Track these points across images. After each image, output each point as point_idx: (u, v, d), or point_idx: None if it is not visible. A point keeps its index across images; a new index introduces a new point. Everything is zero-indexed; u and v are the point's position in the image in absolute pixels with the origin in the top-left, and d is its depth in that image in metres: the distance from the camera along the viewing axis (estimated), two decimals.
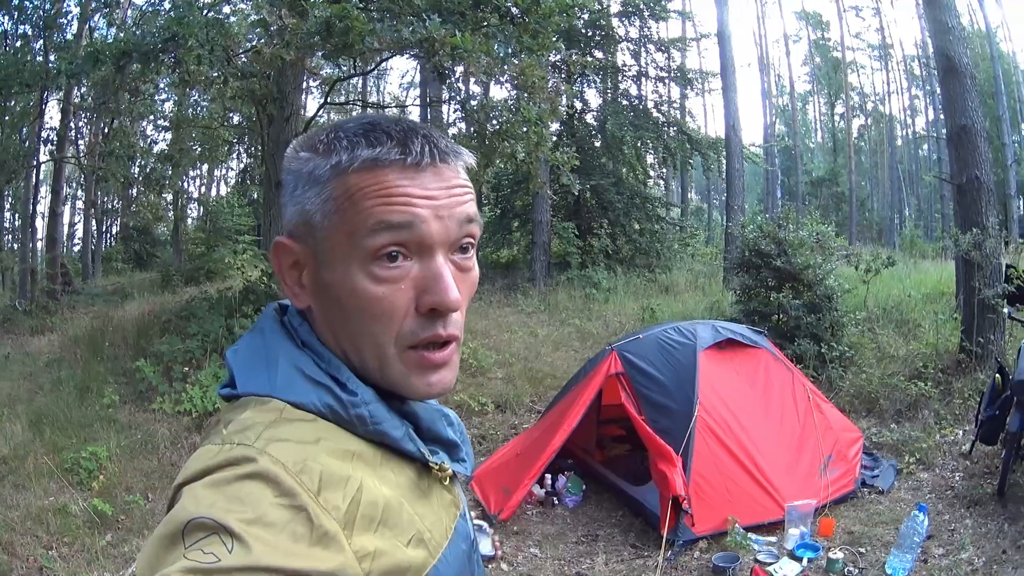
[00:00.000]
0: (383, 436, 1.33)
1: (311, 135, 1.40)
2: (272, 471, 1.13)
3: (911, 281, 17.63)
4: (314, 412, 1.28)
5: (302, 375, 1.31)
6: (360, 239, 1.30)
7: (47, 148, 22.22)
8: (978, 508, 8.01)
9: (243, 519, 1.05)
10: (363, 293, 1.31)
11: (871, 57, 57.50)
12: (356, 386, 1.32)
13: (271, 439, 1.19)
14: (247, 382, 1.32)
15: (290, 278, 1.39)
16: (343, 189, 1.31)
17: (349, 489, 1.20)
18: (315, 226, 1.33)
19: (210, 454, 1.18)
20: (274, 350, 1.35)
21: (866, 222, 51.34)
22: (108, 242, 42.31)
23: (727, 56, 26.45)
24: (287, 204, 1.39)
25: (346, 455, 1.26)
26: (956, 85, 12.16)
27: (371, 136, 1.32)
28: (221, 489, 1.10)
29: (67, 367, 13.82)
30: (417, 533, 1.31)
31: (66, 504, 8.41)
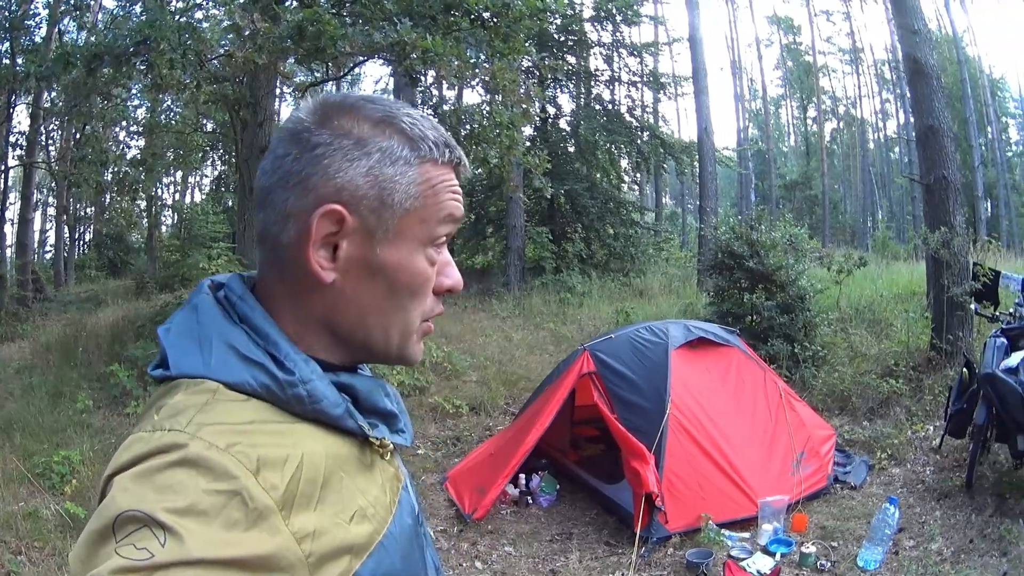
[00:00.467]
0: (321, 415, 1.32)
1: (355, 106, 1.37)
2: (204, 456, 1.11)
3: (883, 281, 17.73)
4: (248, 392, 1.26)
5: (235, 353, 1.28)
6: (432, 226, 1.39)
7: (15, 153, 22.07)
8: (947, 500, 8.13)
9: (174, 509, 1.04)
10: (423, 274, 1.40)
11: (842, 61, 57.93)
12: (294, 364, 1.30)
13: (203, 423, 1.17)
14: (180, 362, 1.28)
15: (318, 251, 1.33)
16: (426, 178, 1.37)
17: (288, 468, 1.19)
18: (391, 205, 1.34)
19: (141, 442, 1.15)
20: (207, 328, 1.32)
21: (839, 224, 51.60)
22: (81, 249, 42.09)
23: (699, 60, 26.54)
24: (336, 169, 1.32)
25: (282, 433, 1.25)
26: (923, 86, 12.29)
27: (443, 135, 1.41)
28: (151, 478, 1.09)
29: (39, 373, 13.74)
30: (360, 508, 1.32)
31: (37, 508, 8.29)
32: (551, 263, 25.87)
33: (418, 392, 13.19)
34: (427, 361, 14.23)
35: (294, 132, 1.36)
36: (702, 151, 25.79)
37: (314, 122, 1.35)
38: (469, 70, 12.50)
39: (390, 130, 1.35)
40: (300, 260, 1.33)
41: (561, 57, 28.35)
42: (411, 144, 1.35)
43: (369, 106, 1.37)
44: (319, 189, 1.32)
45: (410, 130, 1.36)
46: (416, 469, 10.27)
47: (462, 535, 8.29)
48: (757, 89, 60.87)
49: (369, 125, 1.35)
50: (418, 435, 11.53)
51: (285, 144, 1.36)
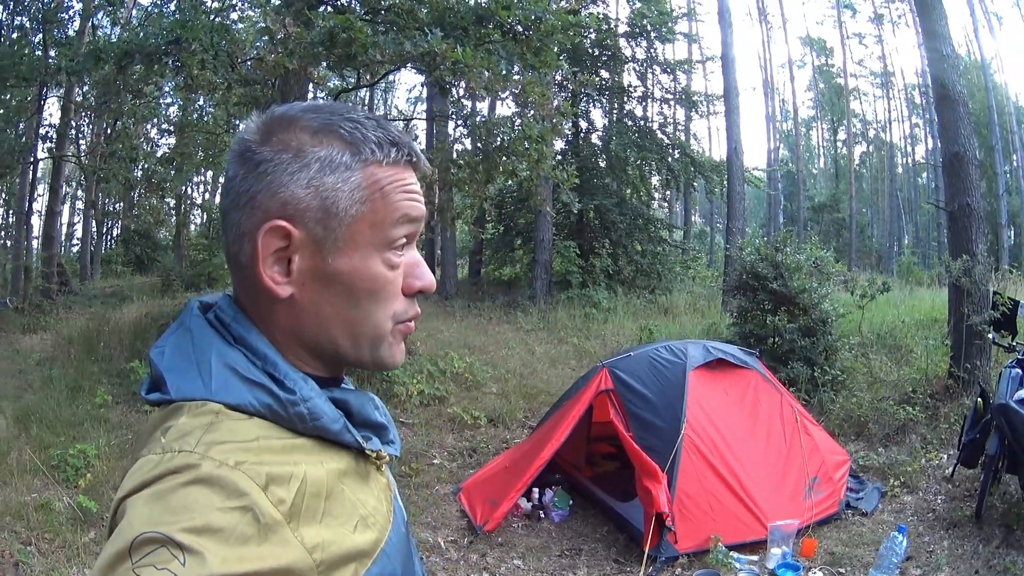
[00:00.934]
0: (321, 431, 1.35)
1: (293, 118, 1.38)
2: (216, 474, 1.14)
3: (905, 307, 17.64)
4: (250, 412, 1.29)
5: (236, 375, 1.31)
6: (385, 229, 1.38)
7: (45, 145, 22.12)
8: (956, 530, 8.09)
9: (191, 528, 1.06)
10: (380, 278, 1.39)
11: (873, 85, 57.66)
12: (294, 383, 1.33)
13: (211, 443, 1.19)
14: (181, 387, 1.29)
15: (270, 266, 1.35)
16: (372, 180, 1.37)
17: (293, 483, 1.22)
18: (336, 214, 1.35)
19: (151, 464, 1.17)
20: (204, 350, 1.34)
21: (866, 248, 51.31)
22: (108, 244, 42.22)
23: (731, 80, 26.35)
24: (279, 185, 1.34)
25: (286, 449, 1.28)
26: (950, 113, 12.24)
27: (390, 135, 1.40)
28: (166, 499, 1.11)
29: (59, 366, 13.80)
30: (361, 518, 1.36)
31: (49, 500, 8.34)
32: (578, 277, 25.80)
33: (437, 402, 13.21)
34: (448, 371, 14.32)
35: (240, 152, 1.38)
36: (731, 171, 25.62)
37: (257, 140, 1.37)
38: (500, 83, 12.50)
39: (328, 138, 1.36)
40: (256, 278, 1.35)
41: (595, 72, 28.39)
42: (351, 149, 1.36)
43: (309, 116, 1.39)
44: (265, 206, 1.34)
45: (350, 135, 1.37)
46: (430, 479, 10.29)
47: (472, 547, 8.26)
48: (788, 110, 60.64)
49: (308, 135, 1.36)
50: (435, 445, 11.55)
51: (234, 165, 1.39)
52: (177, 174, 21.22)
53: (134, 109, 18.94)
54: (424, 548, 8.15)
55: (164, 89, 19.94)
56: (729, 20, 27.42)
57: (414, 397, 13.05)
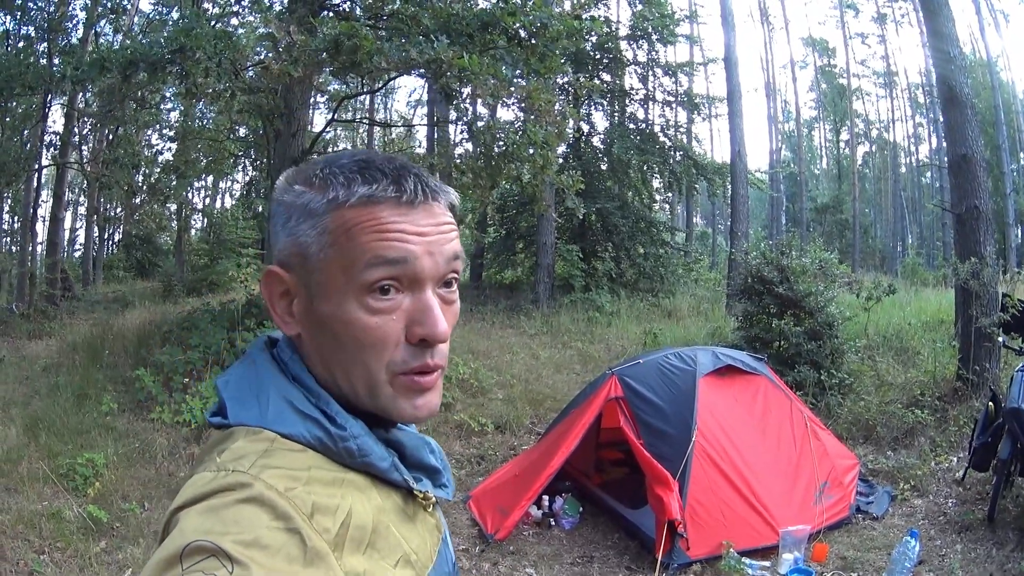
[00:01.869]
0: (370, 467, 1.37)
1: (303, 169, 1.44)
2: (267, 496, 1.17)
3: (911, 309, 17.68)
4: (303, 443, 1.31)
5: (292, 408, 1.34)
6: (357, 273, 1.34)
7: (49, 152, 22.17)
8: (969, 533, 8.10)
9: (240, 541, 1.08)
10: (358, 323, 1.35)
11: (876, 84, 57.71)
12: (345, 420, 1.36)
13: (265, 466, 1.22)
14: (239, 413, 1.35)
15: (279, 306, 1.42)
16: (339, 223, 1.35)
17: (339, 514, 1.25)
18: (310, 258, 1.37)
19: (204, 480, 1.21)
20: (265, 383, 1.38)
21: (869, 249, 51.40)
22: (110, 249, 42.34)
23: (734, 82, 26.28)
24: (278, 234, 1.42)
25: (335, 482, 1.30)
26: (957, 114, 12.25)
27: (366, 173, 1.37)
28: (218, 513, 1.13)
29: (65, 373, 13.81)
30: (404, 555, 1.36)
31: (60, 509, 8.35)
32: (580, 281, 25.83)
33: (444, 409, 13.09)
34: (454, 377, 14.30)
35: (270, 209, 1.50)
36: (734, 173, 25.56)
37: (275, 197, 1.47)
38: (505, 89, 12.50)
39: (308, 185, 1.39)
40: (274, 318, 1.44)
41: (596, 75, 28.45)
42: (322, 193, 1.37)
43: (308, 168, 1.43)
44: (273, 252, 1.45)
45: (322, 180, 1.38)
46: None
47: (484, 555, 8.28)
48: (791, 111, 60.82)
49: (300, 185, 1.41)
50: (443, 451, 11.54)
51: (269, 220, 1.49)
52: (179, 180, 21.26)
53: (137, 116, 18.96)
54: None
55: (166, 96, 19.92)
56: (731, 22, 27.43)
57: None
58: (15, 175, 21.21)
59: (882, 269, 42.34)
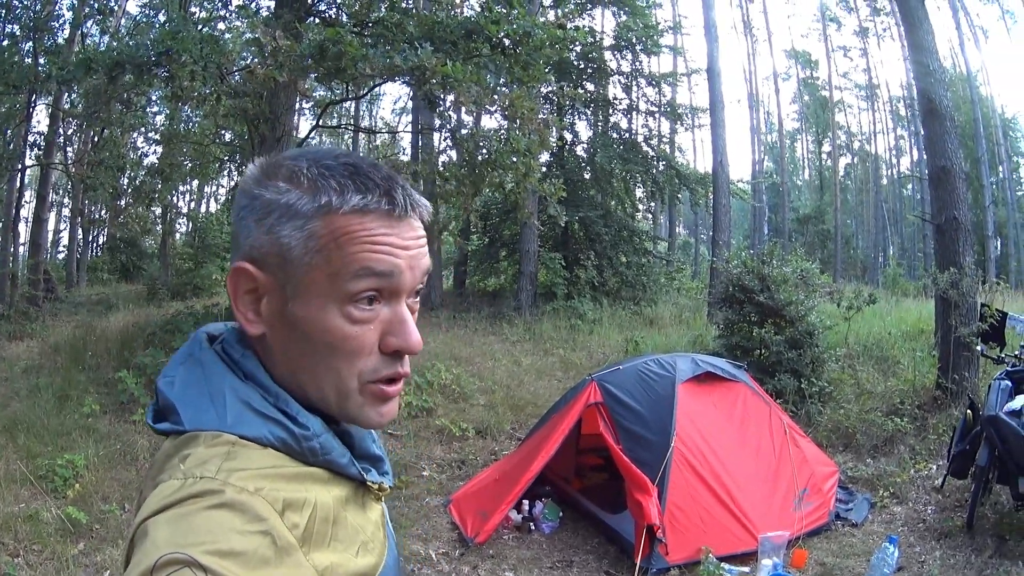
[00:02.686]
0: (330, 464, 1.40)
1: (280, 163, 1.41)
2: (239, 499, 1.18)
3: (892, 319, 17.73)
4: (265, 444, 1.32)
5: (251, 409, 1.34)
6: (343, 281, 1.35)
7: (33, 152, 22.05)
8: (947, 540, 8.13)
9: (215, 551, 1.09)
10: (337, 331, 1.36)
11: (858, 97, 57.88)
12: (306, 419, 1.37)
13: (231, 470, 1.23)
14: (195, 418, 1.33)
15: (244, 304, 1.40)
16: (329, 230, 1.35)
17: (306, 509, 1.28)
18: (291, 260, 1.35)
19: (171, 488, 1.20)
20: (217, 384, 1.37)
21: (851, 260, 51.45)
22: (94, 251, 41.98)
23: (716, 92, 26.33)
24: (249, 229, 1.39)
25: (298, 477, 1.33)
26: (937, 127, 12.33)
27: (358, 180, 1.37)
28: (189, 521, 1.14)
29: (46, 374, 13.72)
30: (362, 543, 1.41)
31: (38, 511, 8.30)
32: (563, 289, 25.90)
33: (425, 414, 13.22)
34: (435, 383, 14.34)
35: (237, 195, 1.46)
36: (717, 184, 25.60)
37: (247, 185, 1.43)
38: (488, 96, 12.53)
39: (293, 184, 1.37)
40: (234, 314, 1.42)
41: (580, 84, 28.55)
42: (312, 196, 1.36)
43: (288, 163, 1.40)
44: (241, 249, 1.41)
45: (311, 182, 1.36)
46: (420, 491, 10.28)
47: (463, 559, 8.26)
48: (774, 122, 60.78)
49: (280, 182, 1.38)
50: (423, 457, 11.56)
51: (233, 210, 1.46)
52: (164, 184, 21.20)
53: (122, 118, 18.92)
54: (415, 560, 8.19)
55: (152, 99, 19.89)
56: (715, 33, 27.43)
57: (401, 409, 12.93)
58: None
59: (864, 279, 42.33)
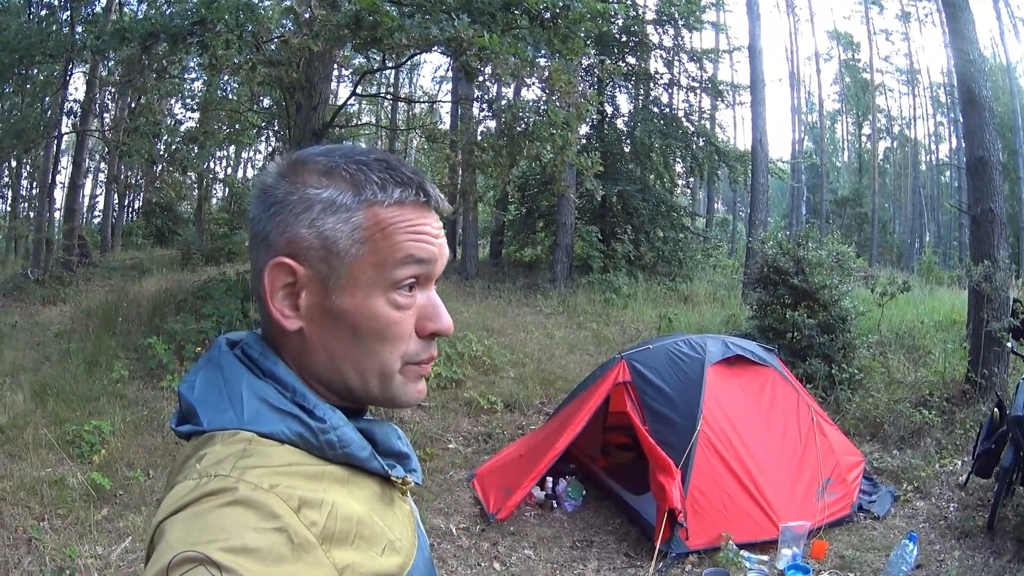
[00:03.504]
0: (350, 458, 1.38)
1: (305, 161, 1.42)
2: (252, 496, 1.16)
3: (925, 307, 17.57)
4: (282, 440, 1.32)
5: (268, 406, 1.34)
6: (389, 269, 1.39)
7: (70, 120, 22.15)
8: (968, 540, 8.02)
9: (228, 548, 1.08)
10: (383, 318, 1.39)
11: (899, 81, 57.31)
12: (323, 412, 1.37)
13: (246, 467, 1.22)
14: (213, 418, 1.33)
15: (280, 300, 1.40)
16: (374, 221, 1.38)
17: (324, 508, 1.24)
18: (337, 252, 1.37)
19: (187, 488, 1.20)
20: (235, 384, 1.37)
21: (887, 245, 51.09)
22: (130, 216, 42.20)
23: (757, 71, 26.15)
24: (286, 225, 1.39)
25: (316, 476, 1.30)
26: (976, 116, 12.22)
27: (395, 175, 1.40)
28: (203, 520, 1.13)
29: (77, 339, 13.86)
30: (389, 542, 1.37)
31: (63, 476, 8.40)
32: (598, 262, 25.73)
33: (454, 385, 13.24)
34: (466, 354, 14.34)
35: (260, 194, 1.44)
36: (755, 162, 25.39)
37: (273, 183, 1.42)
38: (526, 68, 12.47)
39: (332, 179, 1.39)
40: (267, 311, 1.40)
41: (622, 58, 28.37)
42: (354, 189, 1.38)
43: (319, 159, 1.42)
44: (275, 244, 1.39)
45: (352, 176, 1.39)
46: (445, 464, 10.37)
47: (483, 534, 8.31)
48: (814, 103, 60.41)
49: (315, 177, 1.40)
50: (450, 429, 11.60)
51: (255, 206, 1.44)
52: (200, 151, 21.22)
53: (158, 86, 18.99)
54: (436, 535, 8.22)
55: (189, 66, 19.91)
56: (757, 11, 27.17)
57: (431, 380, 12.84)
58: (34, 141, 21.26)
59: (899, 265, 41.98)
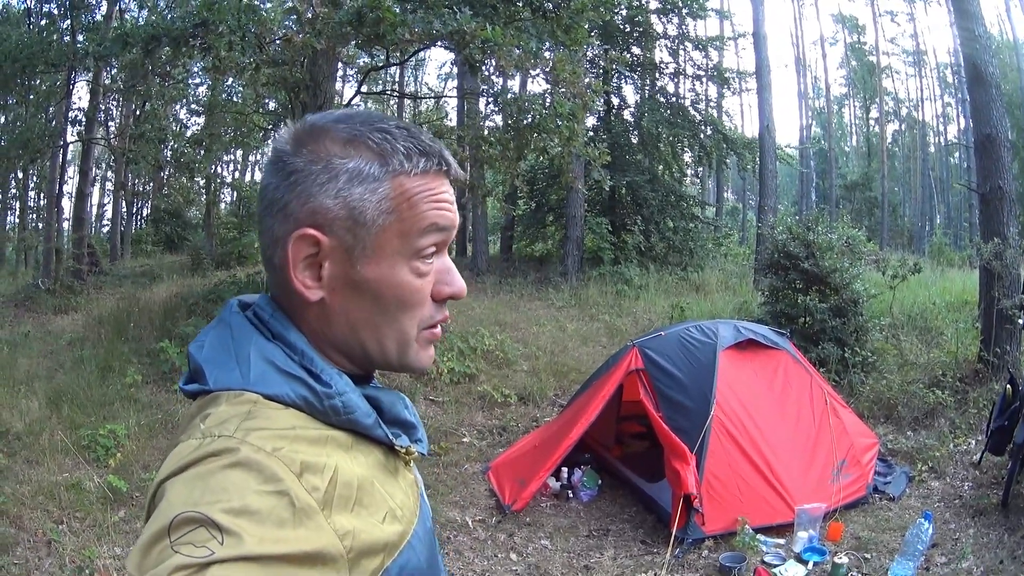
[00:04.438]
0: (354, 424, 1.38)
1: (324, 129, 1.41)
2: (255, 458, 1.17)
3: (936, 289, 17.58)
4: (286, 403, 1.31)
5: (274, 368, 1.34)
6: (413, 238, 1.41)
7: (75, 128, 22.21)
8: (982, 518, 8.00)
9: (229, 510, 1.08)
10: (407, 286, 1.42)
11: (906, 63, 57.17)
12: (330, 377, 1.37)
13: (250, 429, 1.22)
14: (220, 377, 1.34)
15: (301, 271, 1.39)
16: (400, 191, 1.39)
17: (326, 472, 1.24)
18: (363, 223, 1.38)
19: (190, 448, 1.20)
20: (243, 344, 1.38)
21: (898, 228, 50.95)
22: (138, 224, 42.39)
23: (762, 56, 26.07)
24: (309, 195, 1.38)
25: (320, 440, 1.30)
26: (983, 94, 12.19)
27: (419, 144, 1.41)
28: (205, 481, 1.13)
29: (90, 346, 13.89)
30: (390, 510, 1.38)
31: (80, 480, 8.42)
32: (609, 254, 25.82)
33: (467, 380, 13.27)
34: (479, 348, 14.38)
35: (275, 161, 1.42)
36: (763, 148, 25.34)
37: (290, 150, 1.40)
38: (530, 60, 12.47)
39: (358, 149, 1.39)
40: (288, 281, 1.39)
41: (626, 48, 28.33)
42: (380, 160, 1.39)
43: (339, 127, 1.41)
44: (296, 214, 1.38)
45: (378, 146, 1.39)
46: (460, 457, 10.38)
47: (499, 526, 8.32)
48: (821, 88, 60.41)
49: (338, 147, 1.39)
50: (464, 423, 11.62)
51: (268, 174, 1.44)
52: (206, 154, 21.25)
53: (163, 91, 19.06)
54: (452, 527, 8.25)
55: (193, 70, 19.97)
56: None
57: (444, 375, 13.11)
58: (39, 151, 21.32)
59: (910, 249, 41.95)
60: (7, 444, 9.65)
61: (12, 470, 8.87)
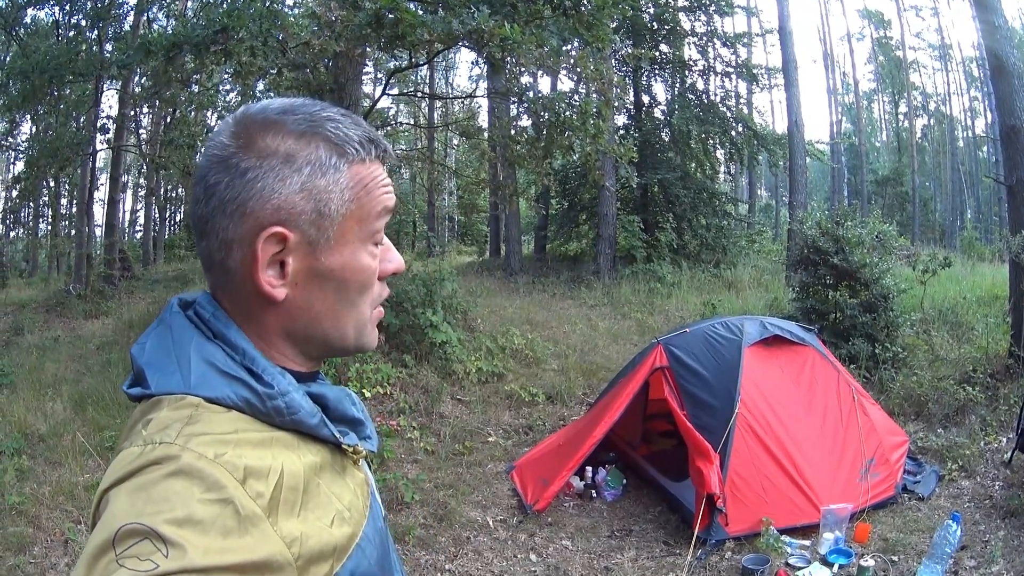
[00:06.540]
0: (299, 425, 1.37)
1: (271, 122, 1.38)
2: (196, 466, 1.14)
3: (967, 283, 17.57)
4: (228, 405, 1.29)
5: (215, 369, 1.32)
6: (370, 223, 1.44)
7: (104, 136, 22.38)
8: (1013, 520, 7.85)
9: (173, 520, 1.07)
10: (367, 270, 1.45)
11: (932, 57, 57.18)
12: (272, 377, 1.34)
13: (191, 435, 1.20)
14: (160, 381, 1.31)
15: (265, 272, 1.36)
16: (358, 180, 1.41)
17: (271, 477, 1.23)
18: (328, 214, 1.37)
19: (132, 456, 1.18)
20: (184, 346, 1.35)
21: (929, 223, 50.84)
22: (172, 229, 42.71)
23: (789, 52, 26.06)
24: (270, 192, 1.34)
25: (264, 442, 1.29)
26: (1005, 85, 12.11)
27: (367, 132, 1.44)
28: (148, 491, 1.12)
29: (118, 350, 14.02)
30: (338, 512, 1.38)
31: (100, 480, 8.48)
32: (642, 252, 25.97)
33: (495, 379, 13.30)
34: (507, 348, 14.42)
35: (221, 158, 1.36)
36: (792, 144, 25.42)
37: (239, 145, 1.36)
38: (551, 58, 12.44)
39: (315, 140, 1.38)
40: (250, 282, 1.36)
41: (655, 46, 28.34)
42: (338, 150, 1.39)
43: (291, 119, 1.38)
44: (257, 213, 1.34)
45: (335, 136, 1.39)
46: (483, 457, 10.42)
47: (521, 526, 8.31)
48: (850, 83, 60.32)
49: (293, 139, 1.37)
50: (490, 422, 11.64)
51: (215, 171, 1.36)
52: None
53: (191, 97, 19.16)
54: (472, 527, 8.27)
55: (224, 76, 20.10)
56: None
57: (472, 375, 13.12)
58: (68, 160, 21.49)
59: (941, 243, 41.82)
60: (30, 446, 9.78)
61: (33, 471, 9.00)
